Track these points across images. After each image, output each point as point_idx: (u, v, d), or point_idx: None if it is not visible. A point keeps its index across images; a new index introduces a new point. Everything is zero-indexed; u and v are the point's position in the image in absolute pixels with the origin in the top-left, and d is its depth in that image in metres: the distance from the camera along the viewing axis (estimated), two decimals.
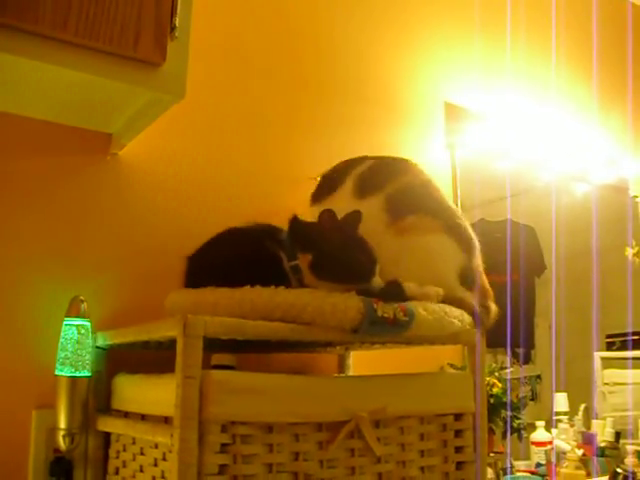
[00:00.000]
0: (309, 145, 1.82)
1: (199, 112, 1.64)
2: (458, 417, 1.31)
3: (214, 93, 1.69)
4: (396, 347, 1.43)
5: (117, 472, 1.30)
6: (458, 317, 1.28)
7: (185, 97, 1.23)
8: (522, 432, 1.97)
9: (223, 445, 1.03)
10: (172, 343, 1.04)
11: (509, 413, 1.90)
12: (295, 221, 1.31)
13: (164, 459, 1.12)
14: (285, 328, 1.09)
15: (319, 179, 1.51)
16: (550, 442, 2.11)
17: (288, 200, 1.43)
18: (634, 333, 2.70)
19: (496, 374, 1.94)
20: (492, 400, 1.81)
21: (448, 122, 2.18)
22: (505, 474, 1.92)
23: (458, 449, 1.31)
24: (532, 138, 2.42)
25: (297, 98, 1.84)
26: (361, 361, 1.60)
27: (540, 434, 2.13)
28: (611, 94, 2.82)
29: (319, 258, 1.22)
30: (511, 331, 2.22)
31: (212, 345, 1.14)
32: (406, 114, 2.06)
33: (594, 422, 2.36)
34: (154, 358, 1.26)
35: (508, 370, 2.11)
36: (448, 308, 1.26)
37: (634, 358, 2.65)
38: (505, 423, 1.89)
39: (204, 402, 1.01)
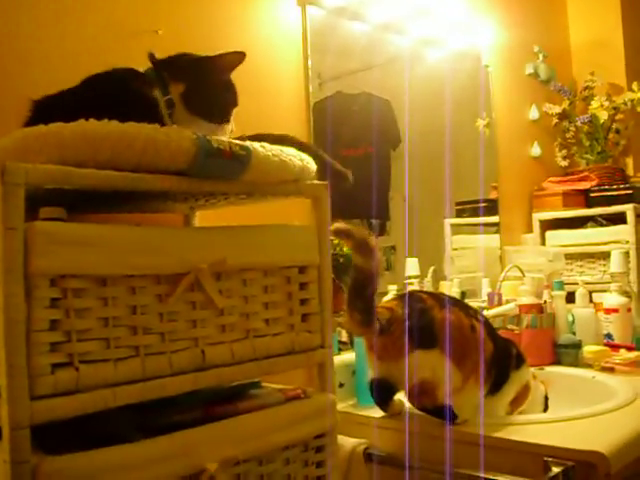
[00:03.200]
0: None
1: None
2: (302, 270, 1.31)
3: None
4: (240, 203, 1.40)
5: None
6: (296, 156, 1.26)
7: None
8: None
9: (53, 300, 0.97)
10: None
11: None
12: (154, 57, 1.26)
13: None
14: (116, 176, 1.03)
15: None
16: None
17: (128, 55, 1.32)
18: (484, 201, 2.83)
19: None
20: (341, 260, 1.83)
21: None
22: None
23: (303, 301, 1.31)
24: (387, 0, 2.37)
25: None
26: (207, 222, 1.56)
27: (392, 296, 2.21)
28: None
29: (193, 86, 1.22)
30: (366, 203, 2.26)
31: (43, 202, 1.07)
32: None
33: (442, 283, 2.47)
34: None
35: None
36: (284, 148, 1.24)
37: (481, 224, 2.78)
38: None
39: (29, 255, 0.94)
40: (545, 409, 1.81)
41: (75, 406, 0.98)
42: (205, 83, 1.25)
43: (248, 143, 1.16)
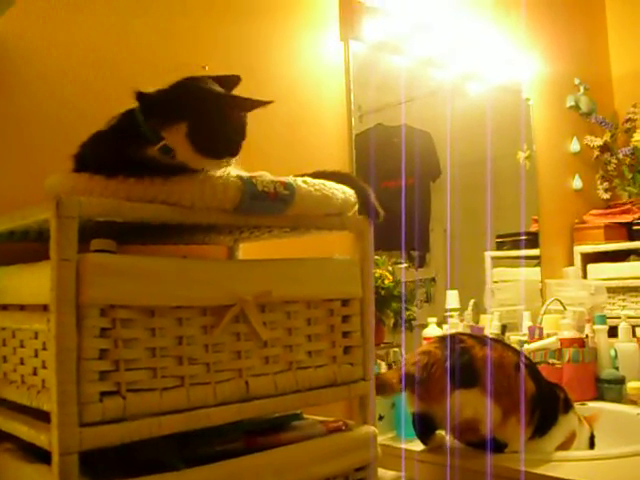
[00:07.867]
0: (196, 33, 1.74)
1: None
2: (345, 302, 1.32)
3: None
4: (284, 236, 1.42)
5: None
6: (339, 189, 1.28)
7: None
8: (412, 322, 2.02)
9: (103, 329, 1.00)
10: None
11: (404, 306, 1.94)
12: (145, 96, 1.11)
13: (44, 349, 1.09)
14: (165, 210, 1.06)
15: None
16: None
17: None
18: (525, 233, 2.81)
19: (389, 268, 1.97)
20: (383, 292, 1.84)
21: (343, 14, 2.12)
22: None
23: (345, 334, 1.32)
24: (428, 35, 2.39)
25: None
26: (250, 255, 1.59)
27: (432, 329, 2.20)
28: None
29: (197, 125, 1.08)
30: (406, 234, 2.26)
31: (92, 234, 1.10)
32: (298, 2, 2.00)
33: (482, 317, 2.46)
34: (35, 250, 1.21)
35: (403, 267, 2.16)
36: (327, 182, 1.26)
37: (522, 257, 2.76)
38: (395, 315, 1.93)
39: (81, 285, 0.98)
40: (592, 448, 1.78)
41: (122, 434, 1.00)
42: (211, 121, 1.11)
43: (291, 179, 1.19)
